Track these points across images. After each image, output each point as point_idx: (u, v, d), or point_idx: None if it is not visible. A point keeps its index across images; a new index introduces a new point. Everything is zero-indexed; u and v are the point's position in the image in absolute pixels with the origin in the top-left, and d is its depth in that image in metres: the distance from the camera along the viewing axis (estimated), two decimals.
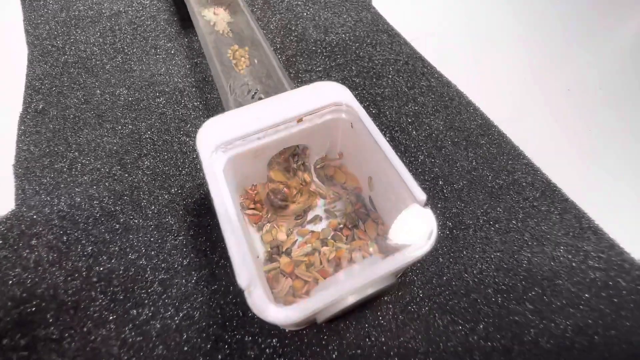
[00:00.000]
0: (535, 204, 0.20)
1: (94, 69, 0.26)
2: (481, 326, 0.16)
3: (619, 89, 0.27)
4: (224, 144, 0.15)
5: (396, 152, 0.22)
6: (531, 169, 0.21)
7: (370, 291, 0.14)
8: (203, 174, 0.15)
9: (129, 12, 0.31)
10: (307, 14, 0.30)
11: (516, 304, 0.17)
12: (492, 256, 0.18)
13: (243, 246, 0.13)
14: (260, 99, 0.18)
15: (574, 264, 0.18)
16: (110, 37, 0.29)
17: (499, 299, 0.17)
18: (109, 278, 0.18)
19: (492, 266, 0.18)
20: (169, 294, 0.17)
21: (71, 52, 0.28)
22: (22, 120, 0.24)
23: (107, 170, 0.21)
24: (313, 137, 0.18)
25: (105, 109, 0.24)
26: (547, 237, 0.19)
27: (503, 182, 0.21)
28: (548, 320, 0.16)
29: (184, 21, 0.30)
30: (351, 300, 0.13)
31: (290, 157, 0.19)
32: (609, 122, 0.25)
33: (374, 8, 0.31)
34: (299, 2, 0.31)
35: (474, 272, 0.18)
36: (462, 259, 0.18)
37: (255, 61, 0.23)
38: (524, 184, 0.21)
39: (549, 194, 0.20)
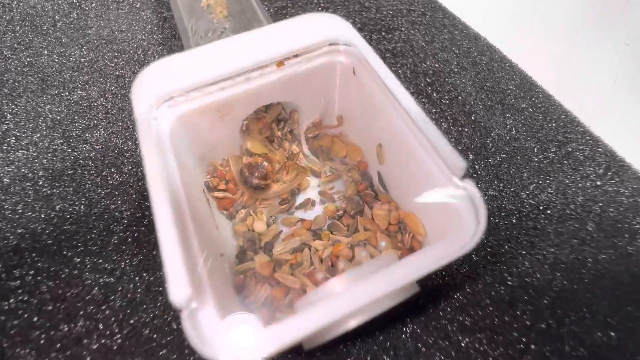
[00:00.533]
0: (598, 182, 0.15)
1: (42, 27, 0.22)
2: (534, 353, 0.12)
3: None
4: (170, 95, 0.11)
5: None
6: (590, 139, 0.16)
7: (380, 309, 0.09)
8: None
9: None
10: None
11: (591, 323, 0.12)
12: (545, 252, 0.14)
13: (183, 244, 0.08)
14: (227, 36, 0.13)
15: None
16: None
17: (558, 311, 0.12)
18: (36, 282, 0.13)
19: (545, 266, 0.13)
20: (112, 303, 0.13)
21: (18, 9, 0.23)
22: None
23: (46, 144, 0.17)
24: (300, 90, 0.13)
25: (52, 72, 0.20)
26: (618, 226, 0.14)
27: (554, 155, 0.16)
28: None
29: None
30: (353, 324, 0.08)
31: (274, 122, 0.15)
32: None
33: None
34: None
35: (521, 274, 0.13)
36: (505, 257, 0.14)
37: (235, 9, 0.18)
38: (581, 157, 0.16)
39: (616, 169, 0.16)
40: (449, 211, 0.10)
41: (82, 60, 0.20)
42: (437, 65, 0.19)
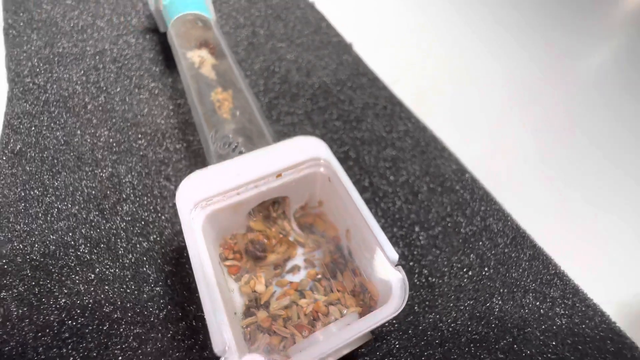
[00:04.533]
0: (506, 250, 0.21)
1: (75, 109, 0.26)
2: None
3: (589, 133, 0.29)
4: (203, 201, 0.16)
5: (375, 197, 0.23)
6: (502, 215, 0.22)
7: (347, 351, 0.14)
8: (182, 230, 0.15)
9: (114, 50, 0.31)
10: (290, 56, 0.32)
11: (488, 354, 0.17)
12: (466, 304, 0.19)
13: (220, 312, 0.13)
14: (240, 152, 0.18)
15: (542, 311, 0.19)
16: (94, 76, 0.29)
17: (472, 349, 0.18)
18: (82, 333, 0.17)
19: (466, 314, 0.19)
20: (144, 349, 0.17)
21: (53, 91, 0.28)
22: None
23: (84, 216, 0.21)
24: (292, 189, 0.18)
25: (85, 150, 0.24)
26: (517, 283, 0.20)
27: (476, 228, 0.22)
28: None
29: (169, 61, 0.31)
30: None
31: (270, 205, 0.20)
32: (576, 169, 0.27)
33: (354, 52, 0.33)
34: (283, 45, 0.33)
35: (449, 320, 0.18)
36: (437, 308, 0.19)
37: (238, 107, 0.23)
38: (495, 230, 0.22)
39: (519, 240, 0.21)
40: (390, 284, 0.15)
41: (111, 140, 0.25)
42: (394, 153, 0.25)
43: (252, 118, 0.22)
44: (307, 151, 0.17)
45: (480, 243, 0.21)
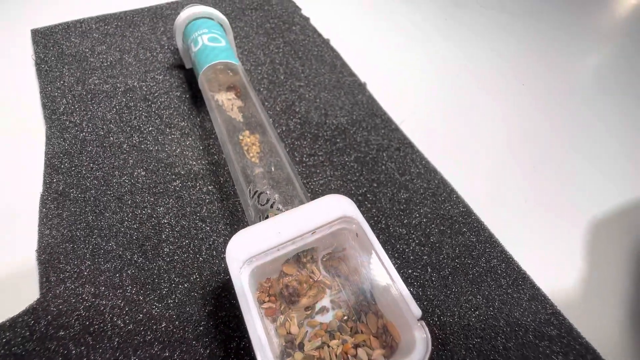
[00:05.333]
0: (509, 290, 0.23)
1: (111, 148, 0.28)
2: None
3: (587, 175, 0.31)
4: (249, 259, 0.18)
5: (391, 239, 0.25)
6: (505, 257, 0.25)
7: None
8: (231, 285, 0.17)
9: (143, 87, 0.33)
10: (309, 95, 0.34)
11: None
12: (474, 342, 0.21)
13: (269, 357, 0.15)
14: (278, 209, 0.21)
15: (540, 349, 0.21)
16: (126, 114, 0.31)
17: None
18: None
19: (474, 352, 0.21)
20: None
21: (89, 129, 0.29)
22: (44, 202, 0.25)
23: (128, 257, 0.23)
24: (323, 241, 0.20)
25: (125, 191, 0.26)
26: (519, 323, 0.22)
27: (482, 269, 0.24)
28: None
29: (196, 99, 0.33)
30: None
31: (301, 252, 0.22)
32: (574, 210, 0.29)
33: (368, 91, 0.35)
34: (302, 84, 0.35)
35: (459, 358, 0.21)
36: (449, 346, 0.21)
37: (265, 151, 0.26)
38: (499, 271, 0.24)
39: (520, 281, 0.24)
40: (413, 337, 0.17)
41: (148, 181, 0.27)
42: (407, 195, 0.28)
43: (280, 164, 0.25)
44: (337, 209, 0.20)
45: (486, 284, 0.24)
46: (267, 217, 0.21)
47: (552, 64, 0.41)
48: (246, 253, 0.18)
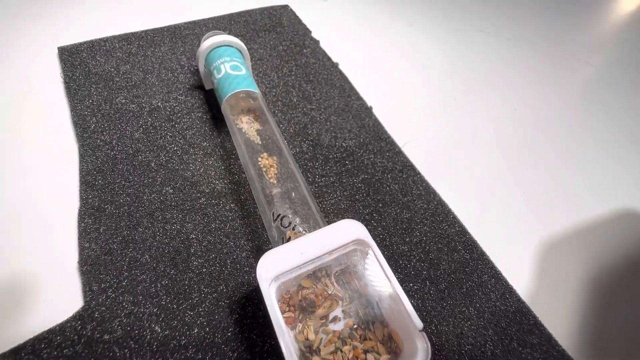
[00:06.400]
0: (497, 303, 0.27)
1: (141, 166, 0.31)
2: None
3: (581, 198, 0.35)
4: (277, 276, 0.21)
5: (394, 255, 0.28)
6: (494, 272, 0.28)
7: None
8: (262, 301, 0.20)
9: (167, 107, 0.36)
10: (320, 118, 0.37)
11: None
12: (466, 349, 0.25)
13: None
14: (298, 231, 0.24)
15: (523, 355, 0.25)
16: (152, 133, 0.33)
17: None
18: None
19: (466, 357, 0.24)
20: None
21: (119, 148, 0.32)
22: (82, 217, 0.28)
23: (162, 269, 0.26)
24: (337, 260, 0.23)
25: (155, 208, 0.29)
26: (506, 332, 0.25)
27: (474, 284, 0.27)
28: None
29: (216, 120, 0.35)
30: None
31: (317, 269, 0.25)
32: (560, 227, 0.33)
33: (374, 115, 0.38)
34: (313, 107, 0.38)
35: None
36: (444, 352, 0.24)
37: (283, 173, 0.28)
38: (489, 285, 0.27)
39: (507, 295, 0.27)
40: (415, 346, 0.20)
41: (176, 199, 0.29)
42: (409, 215, 0.31)
43: (296, 185, 0.28)
44: (351, 233, 0.23)
45: (477, 297, 0.27)
46: (289, 239, 0.24)
47: (551, 91, 0.45)
48: (273, 272, 0.21)
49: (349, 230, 0.23)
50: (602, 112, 0.43)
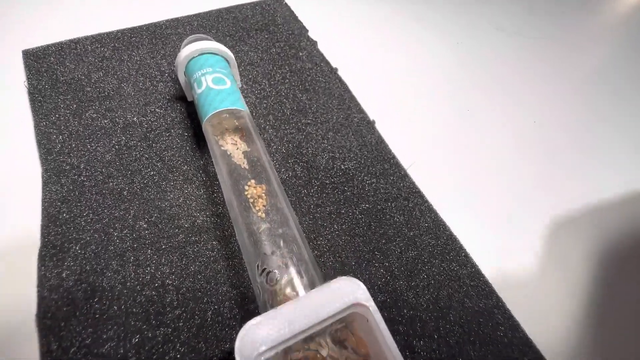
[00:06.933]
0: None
1: (111, 196, 0.27)
2: None
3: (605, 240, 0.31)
4: (259, 354, 0.17)
5: (397, 303, 0.25)
6: (511, 323, 0.25)
7: None
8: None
9: (144, 123, 0.32)
10: (316, 134, 0.33)
11: None
12: None
13: None
14: (287, 292, 0.20)
15: None
16: (126, 155, 0.29)
17: None
18: None
19: None
20: None
21: (87, 173, 0.28)
22: (42, 259, 0.24)
23: (132, 323, 0.22)
24: (333, 324, 0.20)
25: (127, 247, 0.25)
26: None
27: (488, 337, 0.24)
28: None
29: (199, 138, 0.31)
30: None
31: None
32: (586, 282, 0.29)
33: (377, 131, 0.34)
34: (309, 121, 0.34)
35: None
36: None
37: (273, 204, 0.25)
38: (505, 340, 0.24)
39: (527, 349, 0.24)
40: None
41: (151, 235, 0.26)
42: (415, 252, 0.27)
43: (286, 219, 0.24)
44: (349, 295, 0.19)
45: (492, 355, 0.24)
46: (275, 296, 0.20)
47: (579, 100, 0.40)
48: (255, 349, 0.17)
49: (347, 292, 0.19)
50: None
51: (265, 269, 0.21)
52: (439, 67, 0.41)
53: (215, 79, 0.28)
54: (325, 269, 0.26)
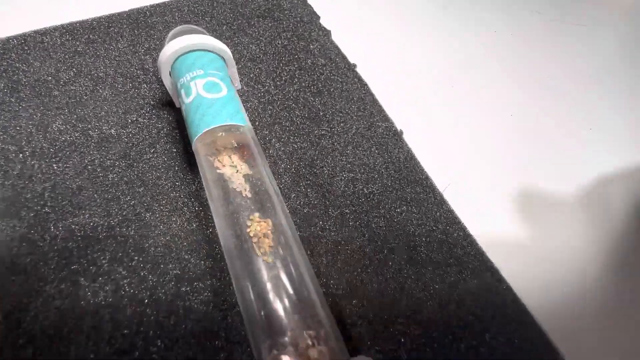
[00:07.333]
0: None
1: (83, 240, 0.22)
2: None
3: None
4: None
5: None
6: None
7: None
8: None
9: (123, 136, 0.26)
10: (333, 149, 0.27)
11: None
12: None
13: None
14: None
15: None
16: (101, 178, 0.24)
17: None
18: None
19: None
20: None
21: (53, 203, 0.23)
22: None
23: None
24: None
25: (99, 303, 0.20)
26: None
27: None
28: None
29: (189, 155, 0.26)
30: None
31: None
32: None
33: (405, 144, 0.28)
34: (323, 132, 0.28)
35: None
36: None
37: (281, 245, 0.20)
38: None
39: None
40: None
41: (135, 292, 0.21)
42: (472, 318, 0.22)
43: (300, 277, 0.19)
44: None
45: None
46: None
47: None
48: None
49: None
50: None
51: (273, 352, 0.16)
52: (476, 62, 0.35)
53: (207, 84, 0.22)
54: (346, 329, 0.21)
